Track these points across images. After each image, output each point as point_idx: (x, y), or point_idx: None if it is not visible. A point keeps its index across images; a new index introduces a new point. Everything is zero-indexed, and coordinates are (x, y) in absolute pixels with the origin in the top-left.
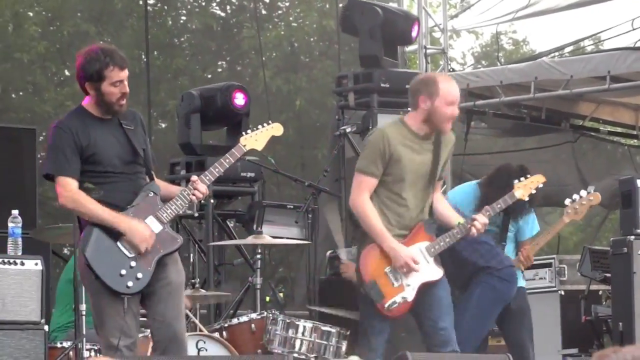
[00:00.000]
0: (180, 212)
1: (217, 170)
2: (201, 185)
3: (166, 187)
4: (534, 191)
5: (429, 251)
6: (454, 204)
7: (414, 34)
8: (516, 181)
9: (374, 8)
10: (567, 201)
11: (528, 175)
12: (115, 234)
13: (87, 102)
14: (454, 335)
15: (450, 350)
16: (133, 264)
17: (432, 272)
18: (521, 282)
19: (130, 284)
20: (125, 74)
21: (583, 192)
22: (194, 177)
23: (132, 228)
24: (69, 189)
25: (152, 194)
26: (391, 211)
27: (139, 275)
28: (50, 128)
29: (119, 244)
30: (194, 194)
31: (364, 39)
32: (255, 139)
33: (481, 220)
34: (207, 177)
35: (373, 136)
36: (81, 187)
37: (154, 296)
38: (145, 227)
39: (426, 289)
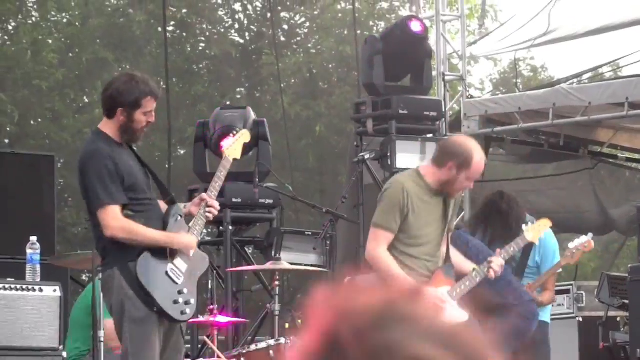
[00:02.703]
0: (202, 230)
1: (217, 184)
2: (215, 203)
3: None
4: (542, 235)
5: (451, 295)
6: None
7: (414, 28)
8: (524, 226)
9: (372, 37)
10: (570, 244)
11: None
12: (161, 261)
13: (106, 127)
14: None
15: None
16: (185, 290)
17: (458, 314)
18: (544, 317)
19: (187, 310)
20: (155, 104)
21: (583, 238)
22: (204, 195)
23: (185, 243)
24: (117, 218)
25: (179, 218)
26: (409, 262)
27: (192, 300)
28: (85, 157)
29: (168, 272)
30: (209, 212)
31: (363, 68)
32: (234, 149)
33: (497, 262)
34: (213, 193)
35: (392, 190)
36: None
37: (165, 327)
38: (190, 238)
39: None
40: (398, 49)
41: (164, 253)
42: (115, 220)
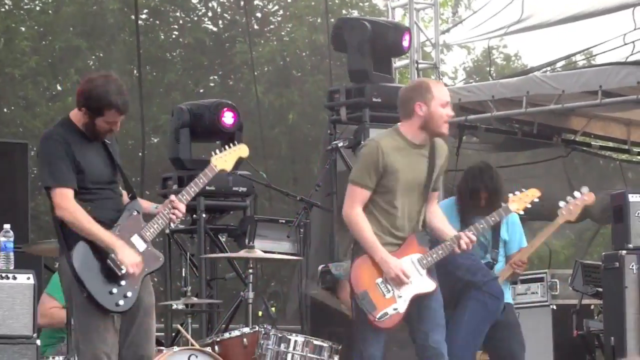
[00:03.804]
0: (160, 230)
1: (192, 189)
2: (180, 205)
3: (142, 203)
4: (529, 205)
5: (421, 263)
6: None
7: (405, 43)
8: (510, 195)
9: (362, 23)
10: (561, 203)
11: (523, 190)
12: (103, 251)
13: (75, 116)
14: (446, 349)
15: None
16: (123, 282)
17: (425, 284)
18: (508, 299)
19: (121, 302)
20: (122, 118)
21: (577, 193)
22: (172, 197)
23: (125, 254)
24: (68, 201)
25: (135, 213)
26: (384, 220)
27: (129, 293)
28: (42, 139)
29: (109, 261)
30: (173, 213)
31: (352, 54)
32: (224, 160)
33: (465, 238)
34: (184, 197)
35: (367, 147)
36: None
37: (126, 317)
38: (136, 254)
39: (419, 301)
40: (380, 43)
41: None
42: (64, 201)
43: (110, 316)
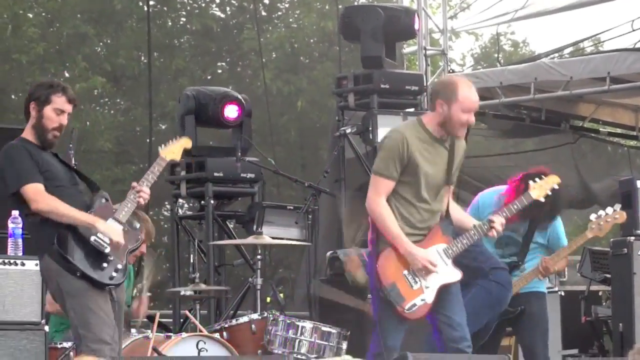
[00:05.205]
0: (130, 212)
1: (150, 177)
2: (145, 188)
3: None
4: (549, 192)
5: (446, 253)
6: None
7: (416, 26)
8: (531, 182)
9: (375, 9)
10: (593, 216)
11: (543, 176)
12: (85, 233)
13: (26, 133)
14: (468, 332)
15: (466, 345)
16: (111, 257)
17: (451, 273)
18: (542, 287)
19: (114, 274)
20: (70, 108)
21: (609, 209)
22: (134, 184)
23: (107, 226)
24: (41, 193)
25: (104, 200)
26: (407, 212)
27: (119, 266)
28: (1, 152)
29: (92, 240)
30: (140, 197)
31: (365, 41)
32: (172, 151)
33: (498, 220)
34: (145, 183)
35: (391, 138)
36: None
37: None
38: (114, 225)
39: (442, 288)
40: (393, 28)
41: (86, 228)
42: (38, 194)
43: (106, 294)
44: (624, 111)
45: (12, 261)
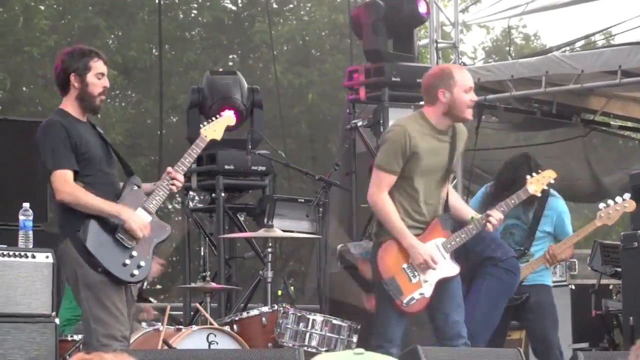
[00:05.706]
0: (161, 202)
1: (187, 160)
2: (178, 175)
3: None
4: (546, 187)
5: (445, 247)
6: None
7: (422, 10)
8: (528, 177)
9: (376, 3)
10: (601, 205)
11: (539, 170)
12: (111, 226)
13: (65, 105)
14: (465, 330)
15: (462, 343)
16: (134, 253)
17: (449, 268)
18: (547, 281)
19: (135, 272)
20: (106, 69)
21: (618, 198)
22: (169, 169)
23: (131, 216)
24: (66, 183)
25: (136, 188)
26: (408, 205)
27: (142, 263)
28: (40, 128)
29: (117, 235)
30: (173, 184)
31: (367, 34)
32: (213, 129)
33: (496, 216)
34: (180, 168)
35: (394, 132)
36: None
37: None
38: (143, 215)
39: (439, 283)
40: (396, 18)
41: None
42: (63, 184)
43: (123, 291)
44: (635, 105)
45: (22, 253)
